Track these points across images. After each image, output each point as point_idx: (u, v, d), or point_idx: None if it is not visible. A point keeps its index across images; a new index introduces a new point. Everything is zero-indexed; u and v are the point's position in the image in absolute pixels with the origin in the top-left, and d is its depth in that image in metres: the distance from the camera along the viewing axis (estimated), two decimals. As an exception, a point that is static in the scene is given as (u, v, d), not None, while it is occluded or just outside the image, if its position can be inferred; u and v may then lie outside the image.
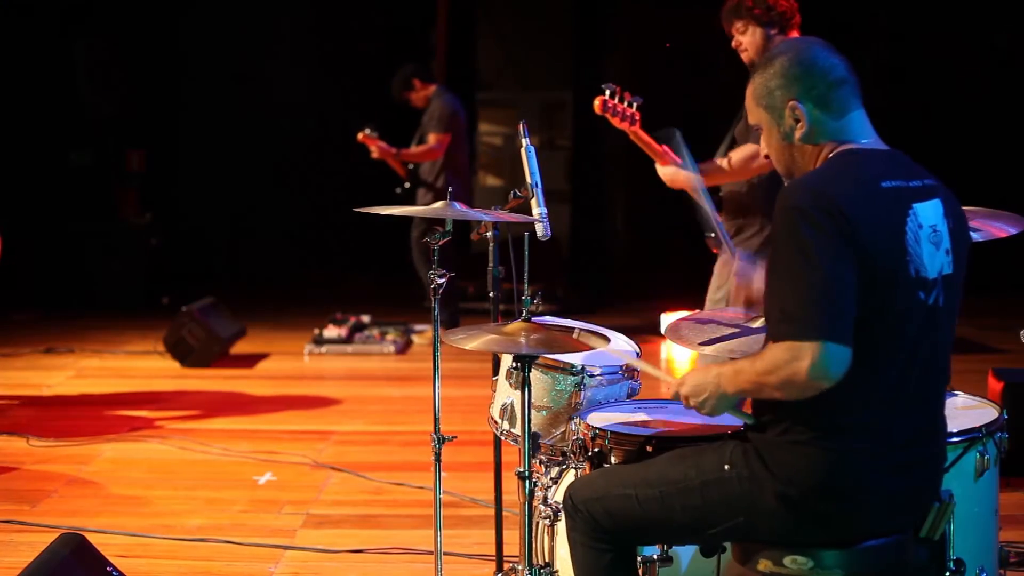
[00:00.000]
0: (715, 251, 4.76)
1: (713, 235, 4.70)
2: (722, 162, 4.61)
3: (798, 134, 2.62)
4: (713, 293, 4.72)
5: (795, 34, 4.51)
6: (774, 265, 2.49)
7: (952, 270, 2.58)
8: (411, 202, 8.41)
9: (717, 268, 4.76)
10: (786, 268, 2.45)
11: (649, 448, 2.97)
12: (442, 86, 8.47)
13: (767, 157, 2.74)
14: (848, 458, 2.50)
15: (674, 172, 4.54)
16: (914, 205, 2.53)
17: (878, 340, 2.47)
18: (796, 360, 2.39)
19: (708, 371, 2.63)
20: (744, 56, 4.57)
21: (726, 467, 2.61)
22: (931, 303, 2.53)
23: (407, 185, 8.39)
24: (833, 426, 2.50)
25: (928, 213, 2.55)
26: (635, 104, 4.44)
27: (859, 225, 2.43)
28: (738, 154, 4.57)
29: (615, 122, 4.44)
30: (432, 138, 8.20)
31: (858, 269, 2.42)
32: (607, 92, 4.40)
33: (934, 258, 2.54)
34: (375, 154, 8.16)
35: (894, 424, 2.53)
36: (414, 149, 8.26)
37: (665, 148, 4.53)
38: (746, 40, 4.55)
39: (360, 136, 8.08)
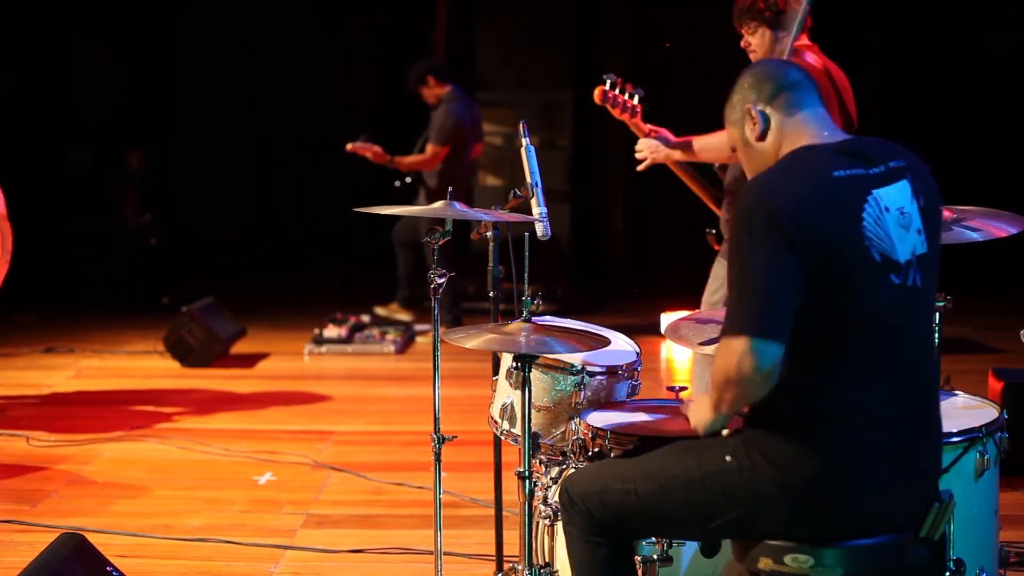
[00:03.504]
0: (716, 248, 4.73)
1: (714, 231, 4.68)
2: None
3: (754, 133, 2.72)
4: (710, 296, 4.67)
5: (803, 37, 4.48)
6: (728, 267, 2.64)
7: (926, 249, 2.64)
8: (412, 202, 8.44)
9: (715, 269, 4.69)
10: (732, 271, 2.58)
11: (649, 448, 2.97)
12: (457, 89, 8.43)
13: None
14: (843, 444, 2.54)
15: (655, 145, 4.46)
16: (875, 191, 2.59)
17: (851, 326, 2.54)
18: (727, 357, 2.51)
19: (703, 395, 2.72)
20: (752, 56, 4.53)
21: (727, 458, 2.63)
22: (909, 284, 2.59)
23: (408, 180, 8.41)
24: (825, 413, 2.55)
25: (893, 196, 2.61)
26: (637, 96, 4.41)
27: (805, 220, 2.51)
28: (718, 137, 4.40)
29: (615, 113, 4.40)
30: (429, 148, 8.22)
31: (804, 265, 2.50)
32: (607, 82, 4.37)
33: (904, 240, 2.60)
34: (371, 158, 8.18)
35: (887, 406, 2.57)
36: (408, 158, 8.29)
37: (652, 127, 4.49)
38: (755, 41, 4.53)
39: (348, 147, 8.09)
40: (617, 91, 4.37)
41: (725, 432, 2.71)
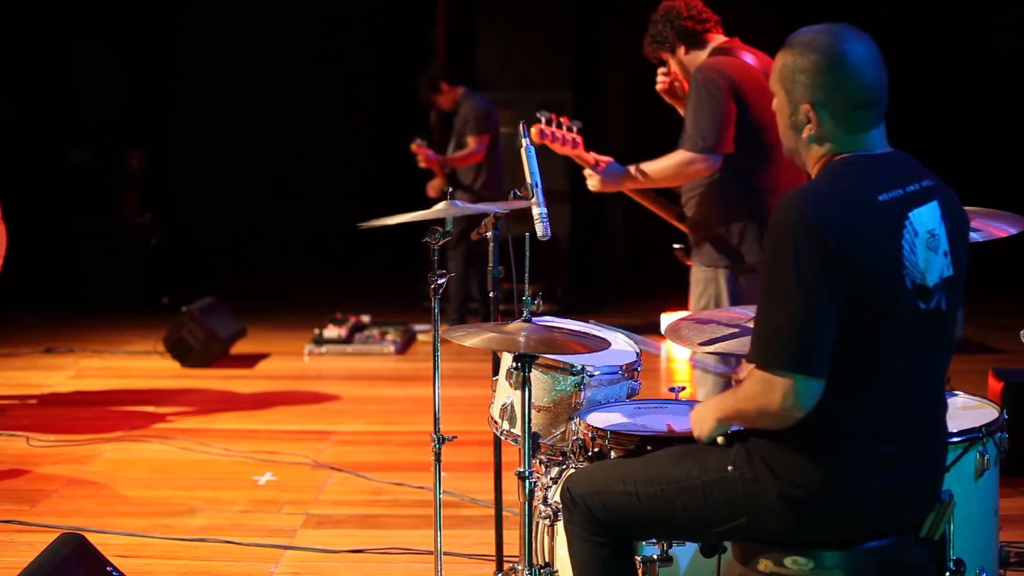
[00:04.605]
0: (687, 263, 4.64)
1: (681, 247, 4.61)
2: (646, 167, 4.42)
3: (806, 134, 2.59)
4: (696, 301, 4.55)
5: (715, 36, 4.46)
6: (763, 281, 2.52)
7: (952, 271, 2.57)
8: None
9: (693, 277, 4.55)
10: (770, 291, 2.49)
11: (649, 448, 2.98)
12: (470, 88, 8.47)
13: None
14: (849, 459, 2.51)
15: (607, 178, 4.43)
16: (910, 214, 2.52)
17: (876, 351, 2.49)
18: (768, 392, 2.46)
19: (707, 402, 2.71)
20: (685, 77, 4.53)
21: (729, 468, 2.62)
22: (931, 308, 2.53)
23: (449, 190, 8.36)
24: (834, 430, 2.51)
25: (925, 218, 2.54)
26: (575, 128, 4.41)
27: (851, 248, 2.43)
28: (663, 162, 4.39)
29: (556, 147, 4.39)
30: (471, 141, 8.20)
31: (848, 292, 2.43)
32: (542, 120, 4.36)
33: (932, 264, 2.53)
34: (422, 163, 8.16)
35: (895, 423, 2.54)
36: (457, 154, 8.25)
37: (596, 157, 4.47)
38: (675, 67, 4.53)
39: (413, 146, 8.10)
40: (554, 127, 4.37)
41: (720, 439, 2.69)
